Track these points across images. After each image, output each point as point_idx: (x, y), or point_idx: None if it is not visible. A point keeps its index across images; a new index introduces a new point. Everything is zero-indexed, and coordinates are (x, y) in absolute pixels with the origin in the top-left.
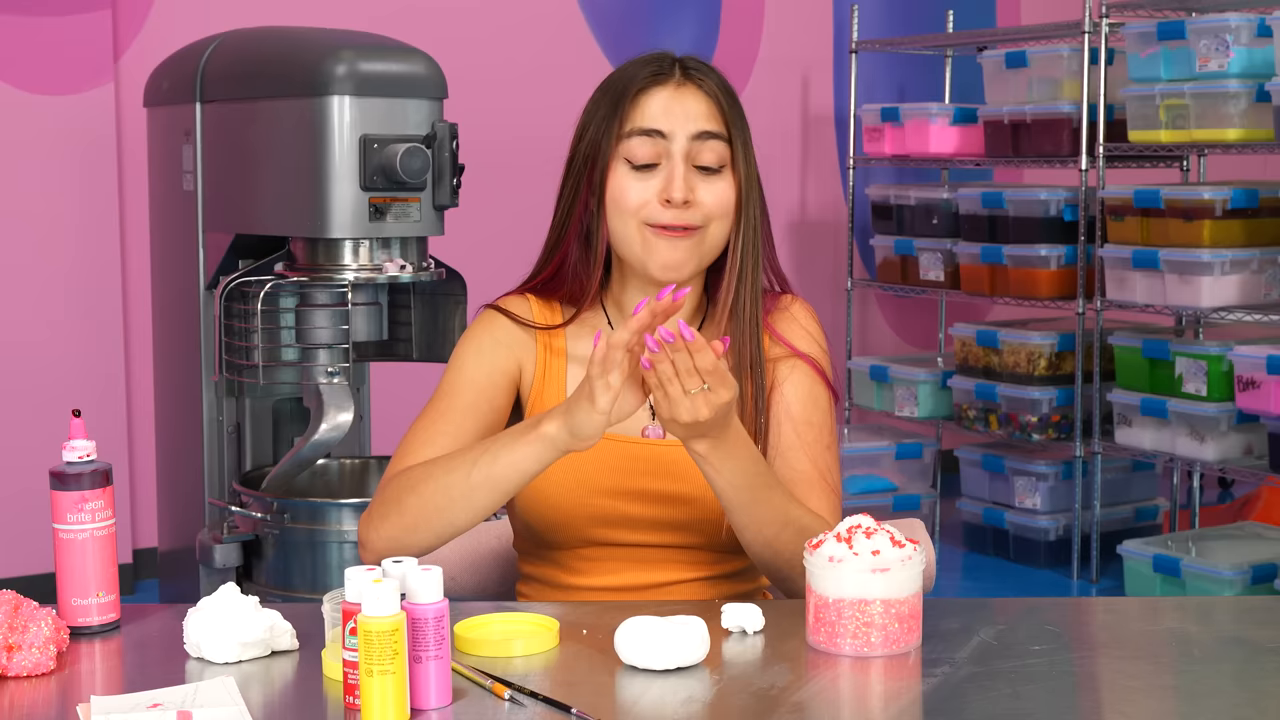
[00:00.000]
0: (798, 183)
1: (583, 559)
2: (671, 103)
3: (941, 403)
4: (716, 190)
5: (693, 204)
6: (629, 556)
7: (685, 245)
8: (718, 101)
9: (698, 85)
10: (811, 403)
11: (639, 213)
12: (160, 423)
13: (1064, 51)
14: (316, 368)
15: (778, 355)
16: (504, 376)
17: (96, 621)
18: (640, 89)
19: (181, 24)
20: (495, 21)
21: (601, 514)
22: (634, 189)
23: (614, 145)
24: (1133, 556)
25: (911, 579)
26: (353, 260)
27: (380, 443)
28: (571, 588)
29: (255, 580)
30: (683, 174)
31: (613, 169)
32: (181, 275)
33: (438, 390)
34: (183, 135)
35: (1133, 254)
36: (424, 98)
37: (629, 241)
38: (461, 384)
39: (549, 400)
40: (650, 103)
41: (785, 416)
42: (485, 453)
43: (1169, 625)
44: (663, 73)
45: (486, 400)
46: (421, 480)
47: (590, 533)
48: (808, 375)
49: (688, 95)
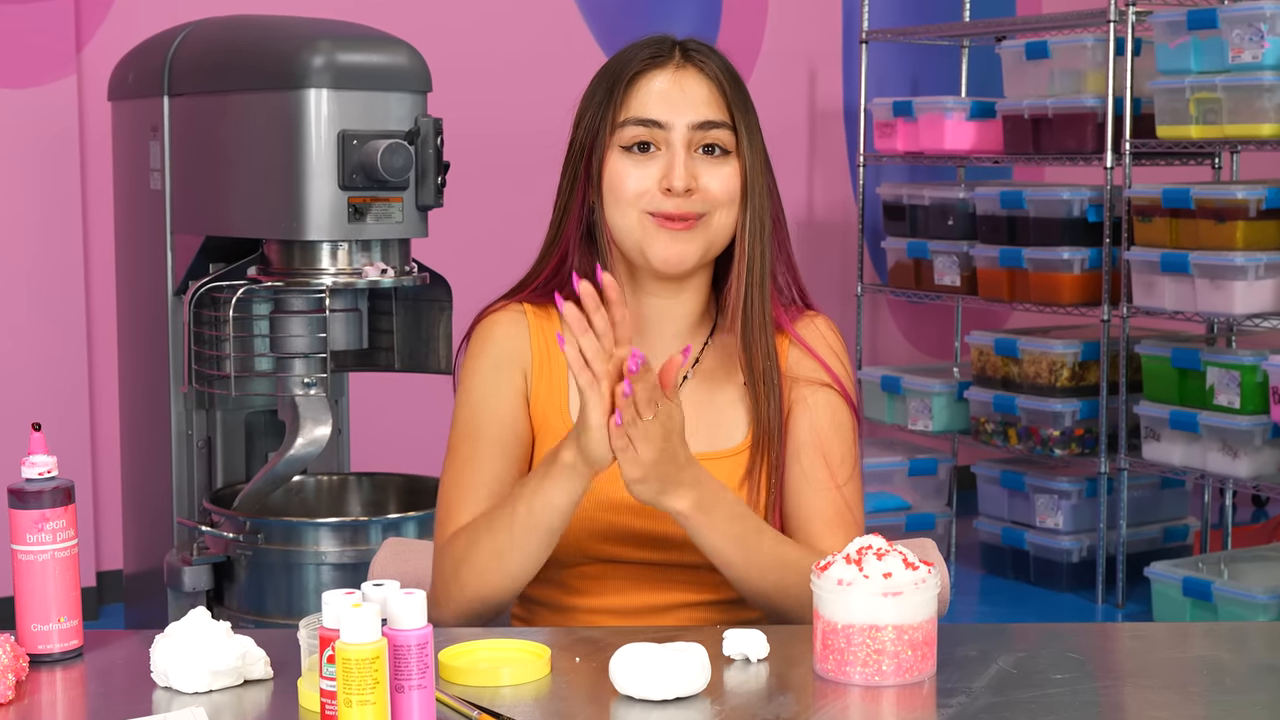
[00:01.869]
0: (804, 182)
1: (584, 577)
2: (670, 89)
3: (957, 416)
4: (721, 176)
5: (695, 191)
6: (632, 575)
7: (688, 237)
8: (720, 86)
9: (699, 69)
10: (836, 431)
11: (638, 201)
12: (126, 437)
13: (1088, 41)
14: (292, 378)
15: (799, 375)
16: (518, 396)
17: (58, 649)
18: (637, 73)
19: (148, 12)
20: (482, 9)
21: (605, 529)
22: (632, 176)
23: (610, 134)
24: (1161, 579)
25: (926, 603)
26: (331, 264)
27: (360, 457)
28: (572, 609)
29: (227, 605)
30: (684, 161)
31: (609, 158)
32: (148, 280)
33: (456, 431)
34: (149, 131)
35: (1161, 257)
36: (406, 91)
37: (629, 232)
38: (481, 423)
39: (552, 408)
40: (647, 89)
41: (807, 445)
42: (519, 501)
43: (1200, 653)
44: (661, 55)
45: (511, 432)
46: (468, 549)
47: (593, 548)
48: (833, 400)
49: (688, 80)
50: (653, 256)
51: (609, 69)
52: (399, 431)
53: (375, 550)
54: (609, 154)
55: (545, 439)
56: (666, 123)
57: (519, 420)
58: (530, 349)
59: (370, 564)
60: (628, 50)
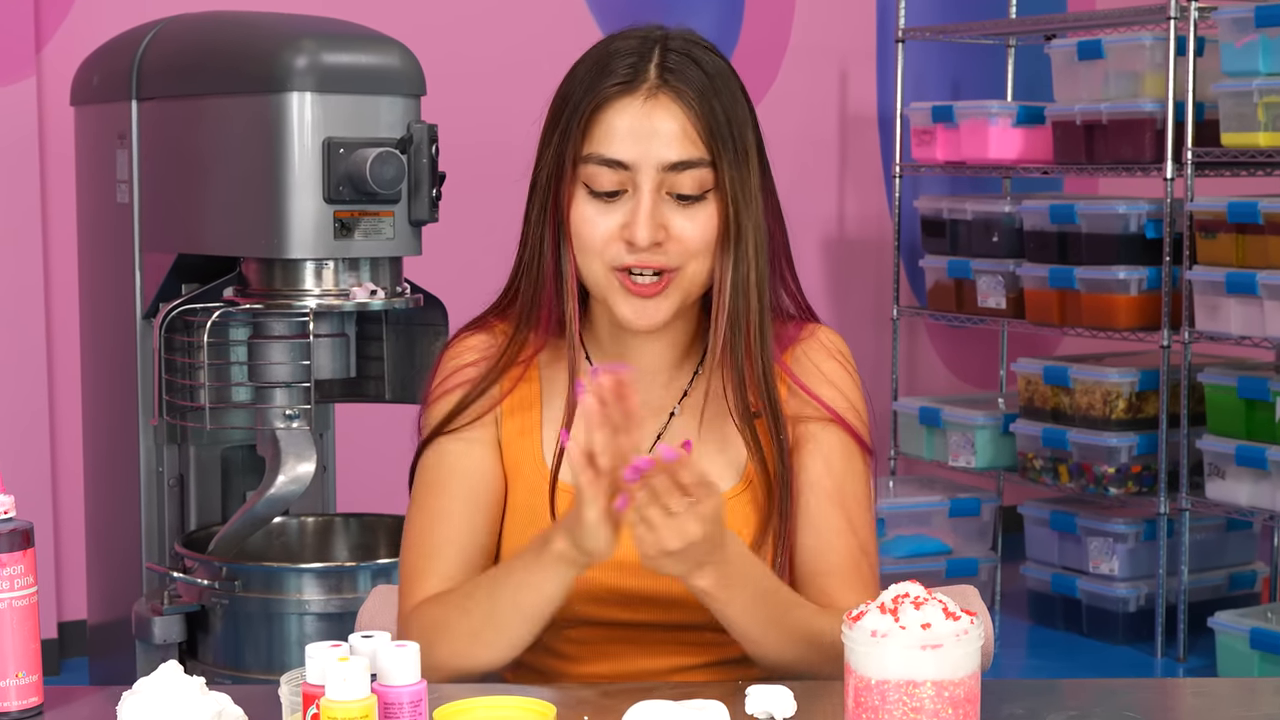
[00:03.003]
0: (835, 194)
1: (571, 642)
2: (638, 123)
3: (1003, 451)
4: (696, 222)
5: (665, 243)
6: (627, 639)
7: (656, 302)
8: (698, 113)
9: (674, 94)
10: (849, 472)
11: (603, 253)
12: (90, 474)
13: (1146, 40)
14: (273, 410)
15: (798, 410)
16: (489, 434)
17: (16, 707)
18: (604, 101)
19: (115, 8)
20: (481, 5)
21: (598, 590)
22: (598, 224)
23: (571, 169)
24: (1226, 630)
25: (968, 657)
26: (315, 284)
27: (346, 497)
28: (562, 676)
29: (201, 658)
30: (649, 211)
31: (573, 196)
32: (115, 302)
33: (419, 480)
34: (116, 139)
35: (1226, 277)
36: (398, 94)
37: (595, 284)
38: (447, 474)
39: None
40: (612, 122)
41: (814, 490)
42: (502, 588)
43: (1269, 710)
44: (631, 80)
45: (483, 482)
46: (438, 628)
47: (584, 610)
48: (841, 437)
49: (658, 112)
50: (620, 317)
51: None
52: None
53: (363, 598)
54: (573, 191)
55: (518, 488)
56: (633, 163)
57: (491, 468)
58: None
59: (358, 613)
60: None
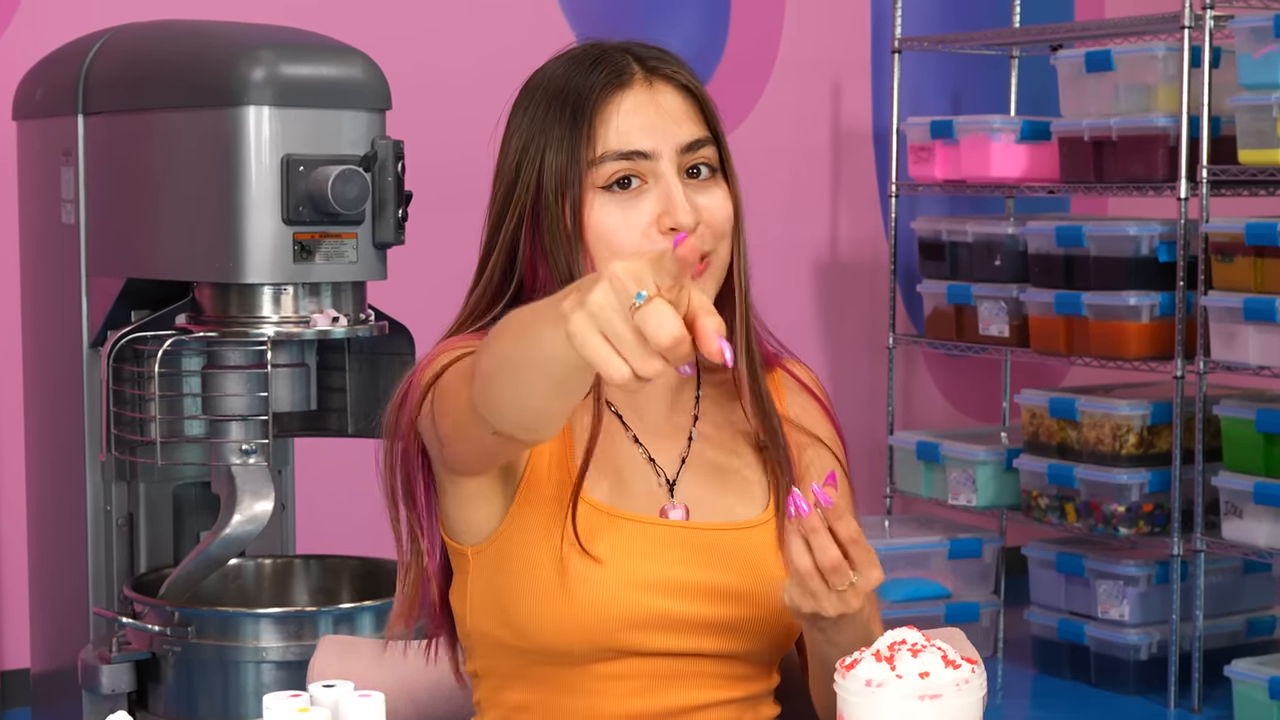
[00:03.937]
0: (827, 215)
1: (597, 677)
2: (648, 111)
3: (1006, 489)
4: (717, 201)
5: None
6: (657, 672)
7: (701, 284)
8: (694, 95)
9: (668, 80)
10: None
11: (642, 250)
12: (33, 513)
13: (1159, 51)
14: (228, 445)
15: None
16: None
17: None
18: (603, 98)
19: (60, 17)
20: (449, 13)
21: (635, 613)
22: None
23: (583, 175)
24: (1244, 679)
25: (969, 708)
26: (273, 311)
27: (306, 538)
28: (579, 717)
29: (152, 709)
30: (682, 193)
31: (589, 204)
32: (60, 329)
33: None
34: (61, 155)
35: (1244, 303)
36: (361, 109)
37: None
38: None
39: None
40: (620, 114)
41: None
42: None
43: None
44: (622, 73)
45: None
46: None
47: (618, 638)
48: (833, 462)
49: (663, 97)
50: None
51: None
52: (352, 507)
53: None
54: (587, 199)
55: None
56: (652, 151)
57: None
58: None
59: (308, 666)
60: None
